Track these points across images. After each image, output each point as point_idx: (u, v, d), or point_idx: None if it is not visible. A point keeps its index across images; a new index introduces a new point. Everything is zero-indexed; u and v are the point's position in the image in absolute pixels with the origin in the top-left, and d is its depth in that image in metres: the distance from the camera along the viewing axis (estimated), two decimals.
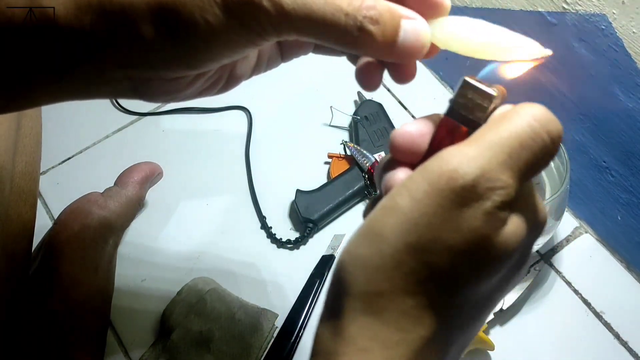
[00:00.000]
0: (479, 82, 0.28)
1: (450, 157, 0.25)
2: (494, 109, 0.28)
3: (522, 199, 0.27)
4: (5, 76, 0.31)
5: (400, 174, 0.29)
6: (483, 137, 0.26)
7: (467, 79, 0.28)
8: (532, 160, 0.26)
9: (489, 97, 0.27)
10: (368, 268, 0.26)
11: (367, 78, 0.33)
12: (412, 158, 0.29)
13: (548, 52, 0.29)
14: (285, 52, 0.37)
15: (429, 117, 0.30)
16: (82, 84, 0.31)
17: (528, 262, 0.30)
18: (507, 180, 0.25)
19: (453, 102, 0.28)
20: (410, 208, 0.25)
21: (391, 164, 0.30)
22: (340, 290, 0.27)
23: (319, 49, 0.36)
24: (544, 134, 0.26)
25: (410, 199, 0.25)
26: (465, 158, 0.25)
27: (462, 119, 0.28)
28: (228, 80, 0.35)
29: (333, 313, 0.27)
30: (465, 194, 0.25)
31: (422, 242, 0.25)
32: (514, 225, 0.26)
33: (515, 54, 0.29)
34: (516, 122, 0.26)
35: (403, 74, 0.32)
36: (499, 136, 0.26)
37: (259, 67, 0.36)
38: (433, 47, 0.30)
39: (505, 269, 0.27)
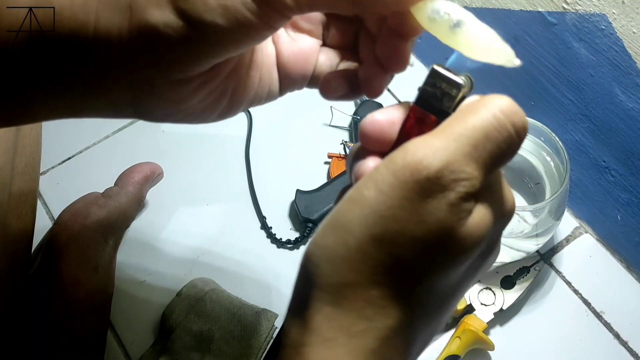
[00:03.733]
0: (448, 70, 0.28)
1: (415, 148, 0.25)
2: (463, 98, 0.28)
3: (488, 190, 0.27)
4: (5, 89, 0.30)
5: (370, 163, 0.29)
6: (449, 128, 0.26)
7: (436, 67, 0.28)
8: (498, 151, 0.26)
9: (457, 86, 0.27)
10: (334, 259, 0.26)
11: (371, 84, 0.33)
12: (382, 147, 0.29)
13: (517, 62, 0.29)
14: (283, 86, 0.37)
15: (399, 106, 0.30)
16: (81, 94, 0.31)
17: (496, 252, 0.30)
18: (472, 171, 0.25)
19: (422, 91, 0.28)
20: (376, 200, 0.25)
21: (361, 153, 0.30)
22: (306, 282, 0.27)
23: (312, 84, 0.37)
24: (509, 126, 0.26)
25: (376, 191, 0.25)
26: (430, 150, 0.25)
27: (430, 107, 0.28)
28: (231, 99, 0.35)
29: (300, 304, 0.27)
30: (429, 186, 0.25)
31: (387, 234, 0.25)
32: (479, 215, 0.27)
33: (488, 57, 0.29)
34: (482, 114, 0.26)
35: (397, 59, 0.32)
36: (464, 127, 0.26)
37: (259, 96, 0.36)
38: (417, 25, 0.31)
39: (471, 259, 0.27)
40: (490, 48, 0.29)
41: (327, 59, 0.36)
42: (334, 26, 0.36)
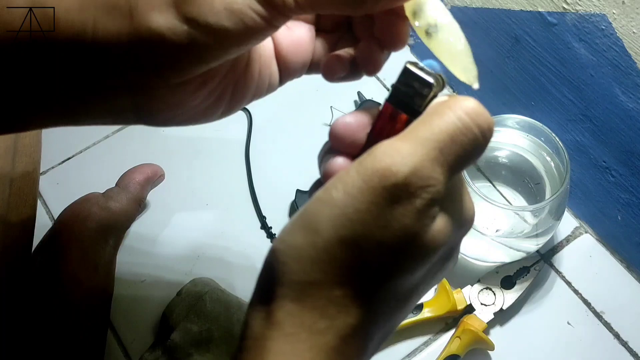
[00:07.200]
0: (421, 69, 0.28)
1: (383, 154, 0.26)
2: (434, 96, 0.28)
3: (450, 198, 0.28)
4: (5, 93, 0.30)
5: (340, 160, 0.30)
6: (416, 132, 0.26)
7: (409, 65, 0.28)
8: (463, 154, 0.27)
9: (428, 86, 0.28)
10: (300, 258, 0.27)
11: (369, 61, 0.33)
12: (352, 149, 0.30)
13: (476, 86, 0.30)
14: (283, 76, 0.37)
15: (371, 110, 0.30)
16: (81, 99, 0.30)
17: (454, 259, 0.31)
18: (438, 177, 0.26)
19: (394, 89, 0.28)
20: (345, 203, 0.26)
21: (331, 150, 0.30)
22: (272, 278, 0.27)
23: (311, 70, 0.37)
24: (474, 128, 0.27)
25: (345, 194, 0.26)
26: (398, 156, 0.26)
27: (402, 105, 0.28)
28: (231, 97, 0.35)
29: (264, 299, 0.28)
30: (397, 192, 0.25)
31: (354, 237, 0.26)
32: (442, 222, 0.27)
33: (453, 69, 0.30)
34: (448, 116, 0.26)
35: (395, 38, 0.32)
36: (431, 131, 0.26)
37: (260, 89, 0.36)
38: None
39: (430, 264, 0.28)
40: (457, 62, 0.29)
41: (323, 44, 0.36)
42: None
